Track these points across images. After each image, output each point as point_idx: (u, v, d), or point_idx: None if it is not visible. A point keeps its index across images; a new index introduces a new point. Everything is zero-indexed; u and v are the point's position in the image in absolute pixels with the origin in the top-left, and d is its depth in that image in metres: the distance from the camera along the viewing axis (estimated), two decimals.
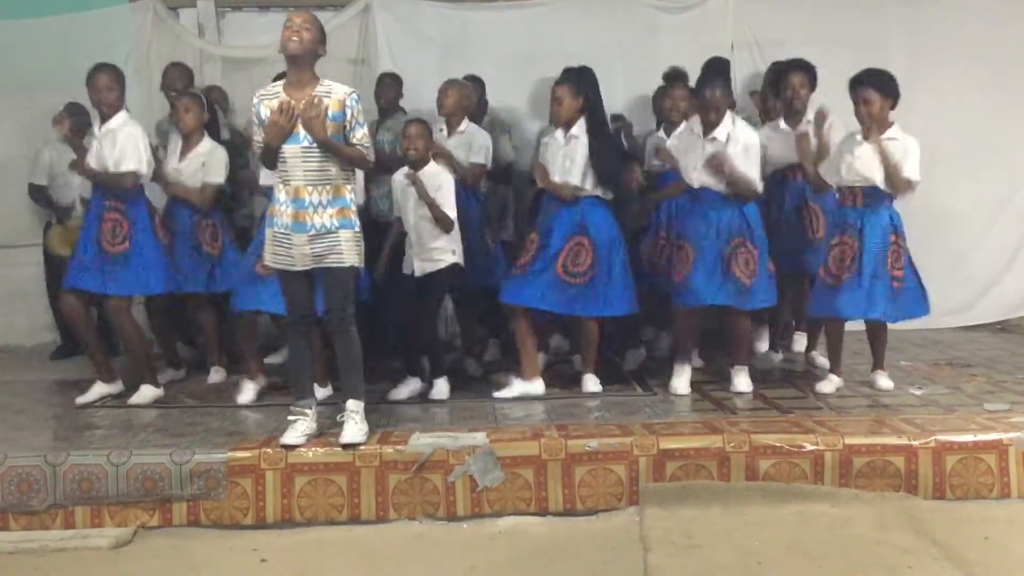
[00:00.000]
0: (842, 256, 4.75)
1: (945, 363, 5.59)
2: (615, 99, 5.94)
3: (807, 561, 3.45)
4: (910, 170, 4.67)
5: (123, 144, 4.71)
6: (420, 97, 6.07)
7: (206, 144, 5.20)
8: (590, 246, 4.78)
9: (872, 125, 4.66)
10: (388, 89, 5.95)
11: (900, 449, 4.02)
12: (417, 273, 4.86)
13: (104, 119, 4.76)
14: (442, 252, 4.84)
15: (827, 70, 5.26)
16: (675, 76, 5.73)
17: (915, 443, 4.03)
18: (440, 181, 4.83)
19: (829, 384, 4.90)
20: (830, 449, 4.01)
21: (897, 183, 4.67)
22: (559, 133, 4.88)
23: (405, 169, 4.90)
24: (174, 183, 5.18)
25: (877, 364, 4.98)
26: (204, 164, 5.16)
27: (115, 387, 4.99)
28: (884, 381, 4.93)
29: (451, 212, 4.80)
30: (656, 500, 3.93)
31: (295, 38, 3.92)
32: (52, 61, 4.74)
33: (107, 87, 4.71)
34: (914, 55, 6.60)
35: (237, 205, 5.83)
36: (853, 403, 4.66)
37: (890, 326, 4.92)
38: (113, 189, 4.77)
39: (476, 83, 5.87)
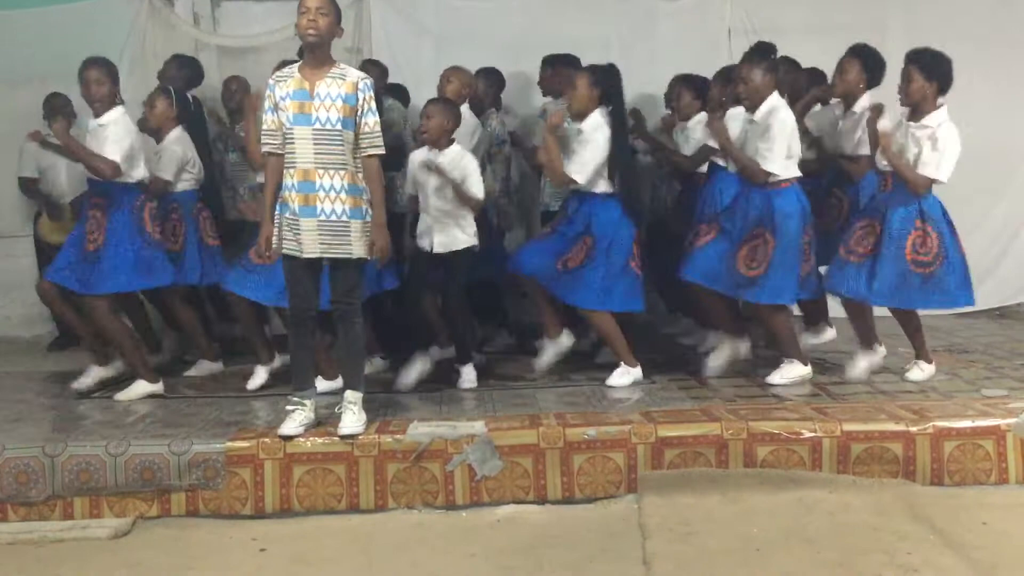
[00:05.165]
0: (864, 236, 4.58)
1: (943, 349, 5.59)
2: None
3: (805, 547, 3.45)
4: (927, 164, 4.38)
5: (108, 137, 4.53)
6: (415, 86, 6.03)
7: (172, 134, 5.07)
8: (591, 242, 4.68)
9: (908, 105, 4.45)
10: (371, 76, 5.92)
11: (898, 435, 4.02)
12: (437, 249, 4.73)
13: (96, 114, 4.60)
14: (464, 231, 4.75)
15: (825, 57, 5.24)
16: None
17: (913, 429, 4.03)
18: (464, 163, 4.70)
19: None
20: (828, 436, 4.02)
21: (902, 172, 4.42)
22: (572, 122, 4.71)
23: (424, 151, 4.76)
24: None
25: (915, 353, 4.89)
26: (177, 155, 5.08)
27: (111, 370, 4.95)
28: (915, 373, 4.81)
29: (478, 193, 4.71)
30: (654, 487, 3.94)
31: (312, 28, 3.85)
32: (43, 53, 4.66)
33: (96, 81, 4.53)
34: (913, 40, 6.49)
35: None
36: (851, 390, 4.66)
37: (880, 311, 4.88)
38: (97, 186, 4.63)
39: (492, 75, 5.81)
